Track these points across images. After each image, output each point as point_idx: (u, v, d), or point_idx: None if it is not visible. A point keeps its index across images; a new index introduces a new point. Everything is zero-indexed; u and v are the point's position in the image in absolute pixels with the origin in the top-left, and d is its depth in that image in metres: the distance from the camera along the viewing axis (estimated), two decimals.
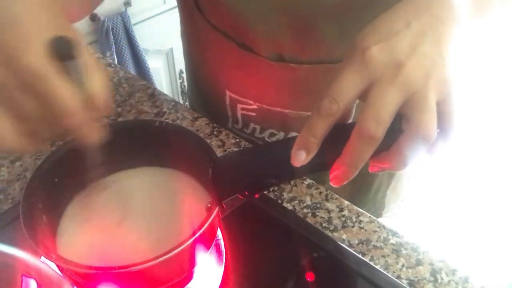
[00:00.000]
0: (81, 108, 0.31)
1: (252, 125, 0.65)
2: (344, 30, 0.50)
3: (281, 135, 0.64)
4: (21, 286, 0.24)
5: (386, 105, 0.30)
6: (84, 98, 0.31)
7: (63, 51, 0.29)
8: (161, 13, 1.52)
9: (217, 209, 0.37)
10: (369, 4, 0.47)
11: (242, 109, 0.63)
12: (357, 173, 0.33)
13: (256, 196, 0.38)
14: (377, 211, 0.77)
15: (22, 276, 0.24)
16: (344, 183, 0.33)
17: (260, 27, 0.53)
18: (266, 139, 0.65)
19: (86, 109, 0.31)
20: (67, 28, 0.32)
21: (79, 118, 0.31)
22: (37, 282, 0.23)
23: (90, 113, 0.32)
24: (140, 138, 0.45)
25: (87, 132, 0.32)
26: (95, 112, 0.33)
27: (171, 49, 1.61)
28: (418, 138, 0.31)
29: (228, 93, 0.63)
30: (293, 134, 0.63)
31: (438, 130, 0.32)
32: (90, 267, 0.33)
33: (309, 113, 0.58)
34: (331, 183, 0.34)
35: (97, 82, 0.32)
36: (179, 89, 1.74)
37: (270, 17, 0.51)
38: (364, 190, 0.71)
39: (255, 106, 0.61)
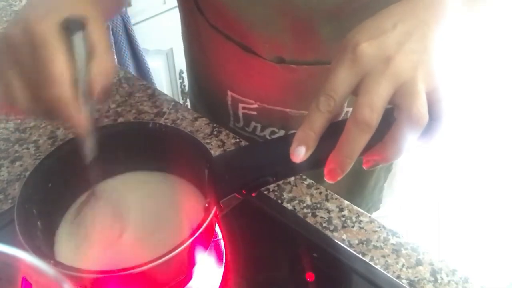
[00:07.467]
0: (71, 82, 0.32)
1: (253, 123, 0.65)
2: (343, 31, 0.50)
3: (281, 133, 0.65)
4: (21, 286, 0.24)
5: (378, 94, 0.31)
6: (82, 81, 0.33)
7: (73, 28, 0.32)
8: (161, 13, 1.52)
9: (214, 208, 0.37)
10: (367, 5, 0.47)
11: (244, 108, 0.63)
12: (352, 164, 0.33)
13: (253, 194, 0.38)
14: (375, 206, 0.77)
15: (22, 277, 0.24)
16: (339, 178, 0.33)
17: (261, 30, 0.53)
18: (267, 137, 0.66)
19: (82, 94, 0.33)
20: (85, 9, 0.35)
21: (63, 91, 0.32)
22: (37, 282, 0.24)
23: (84, 97, 0.33)
24: (134, 141, 0.45)
25: (73, 115, 0.33)
26: (89, 99, 0.34)
27: (171, 49, 1.61)
28: (411, 123, 0.31)
29: (229, 93, 0.63)
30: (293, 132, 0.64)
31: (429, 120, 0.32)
32: (90, 271, 0.33)
33: None
34: (326, 179, 0.34)
35: (98, 65, 0.34)
36: (179, 89, 1.73)
37: (271, 20, 0.51)
38: (362, 186, 0.72)
39: (256, 105, 0.62)
